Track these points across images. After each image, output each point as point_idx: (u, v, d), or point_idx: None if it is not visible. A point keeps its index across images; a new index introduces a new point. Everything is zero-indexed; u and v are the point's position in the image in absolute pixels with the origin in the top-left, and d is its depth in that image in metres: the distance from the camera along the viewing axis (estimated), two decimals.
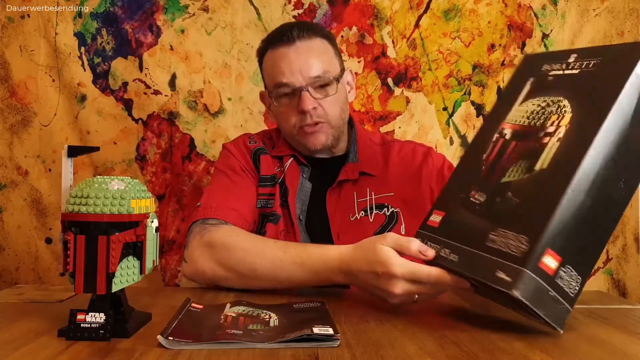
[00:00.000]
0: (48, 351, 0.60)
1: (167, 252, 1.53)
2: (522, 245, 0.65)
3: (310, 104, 1.06)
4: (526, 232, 0.66)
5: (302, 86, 1.06)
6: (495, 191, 0.73)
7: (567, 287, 0.66)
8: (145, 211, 0.68)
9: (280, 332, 0.66)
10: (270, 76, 1.11)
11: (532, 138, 0.73)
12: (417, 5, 1.59)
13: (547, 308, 0.65)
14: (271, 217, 1.10)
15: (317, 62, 1.08)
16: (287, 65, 1.07)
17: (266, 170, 1.14)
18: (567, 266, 0.66)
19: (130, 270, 0.67)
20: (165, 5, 1.52)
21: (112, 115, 1.52)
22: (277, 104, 1.10)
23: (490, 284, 0.66)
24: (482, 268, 0.68)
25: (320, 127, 1.09)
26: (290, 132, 1.11)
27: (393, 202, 1.12)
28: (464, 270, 0.71)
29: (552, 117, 0.72)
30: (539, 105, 0.75)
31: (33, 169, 1.50)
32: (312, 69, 1.07)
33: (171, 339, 0.62)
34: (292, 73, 1.06)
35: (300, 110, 1.07)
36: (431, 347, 0.63)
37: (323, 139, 1.11)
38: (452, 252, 0.73)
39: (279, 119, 1.14)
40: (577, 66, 0.75)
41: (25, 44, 1.49)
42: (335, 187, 1.12)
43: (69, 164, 0.79)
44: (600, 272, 1.63)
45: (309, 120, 1.08)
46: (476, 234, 0.72)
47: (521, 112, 0.77)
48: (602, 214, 0.67)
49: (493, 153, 0.77)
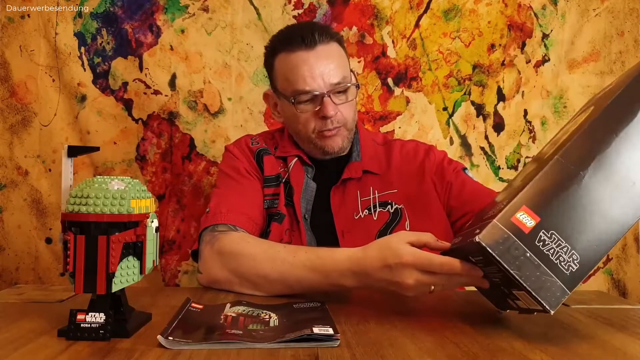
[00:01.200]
0: (48, 351, 0.60)
1: (167, 252, 1.53)
2: (502, 206, 0.66)
3: (333, 109, 1.07)
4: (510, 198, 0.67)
5: (323, 93, 1.06)
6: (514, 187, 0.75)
7: (555, 257, 0.63)
8: (145, 211, 0.68)
9: (280, 332, 0.66)
10: (289, 80, 1.08)
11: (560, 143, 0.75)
12: (417, 5, 1.59)
13: (523, 270, 0.63)
14: (276, 217, 1.10)
15: (336, 68, 1.07)
16: (308, 71, 1.05)
17: (270, 170, 1.14)
18: (551, 232, 0.64)
19: (130, 270, 0.67)
20: (165, 5, 1.52)
21: (112, 115, 1.51)
22: (297, 109, 1.09)
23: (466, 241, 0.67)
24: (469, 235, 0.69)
25: (337, 131, 1.10)
26: (308, 136, 1.11)
27: (397, 199, 1.12)
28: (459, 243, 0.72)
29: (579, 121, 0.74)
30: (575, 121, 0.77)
31: (33, 169, 1.50)
32: (332, 75, 1.06)
33: (171, 339, 0.62)
34: (313, 79, 1.06)
35: (323, 117, 1.07)
36: (431, 347, 0.63)
37: (340, 143, 1.11)
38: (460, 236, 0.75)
39: (293, 122, 1.13)
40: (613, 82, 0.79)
41: (25, 44, 1.49)
42: (339, 186, 1.13)
43: (69, 164, 0.79)
44: (600, 272, 1.63)
45: (329, 125, 1.08)
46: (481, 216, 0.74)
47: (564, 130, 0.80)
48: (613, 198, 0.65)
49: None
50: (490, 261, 0.65)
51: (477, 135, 1.62)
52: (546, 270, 0.63)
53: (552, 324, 0.76)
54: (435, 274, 0.75)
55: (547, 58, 1.62)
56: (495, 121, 1.62)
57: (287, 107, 1.12)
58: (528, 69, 1.62)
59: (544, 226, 0.64)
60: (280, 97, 1.13)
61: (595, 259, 0.64)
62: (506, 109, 1.62)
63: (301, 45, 1.06)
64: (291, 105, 1.09)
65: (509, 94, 1.62)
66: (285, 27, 1.17)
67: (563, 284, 0.63)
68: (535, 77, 1.62)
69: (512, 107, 1.61)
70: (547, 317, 0.80)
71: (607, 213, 0.65)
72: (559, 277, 0.63)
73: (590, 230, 0.65)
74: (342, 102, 1.09)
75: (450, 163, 1.16)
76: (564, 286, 0.63)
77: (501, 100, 1.62)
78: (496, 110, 1.62)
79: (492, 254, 0.63)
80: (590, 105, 0.77)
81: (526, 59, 1.62)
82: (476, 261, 0.71)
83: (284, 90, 1.11)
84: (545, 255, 0.63)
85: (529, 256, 0.63)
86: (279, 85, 1.13)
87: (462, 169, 1.16)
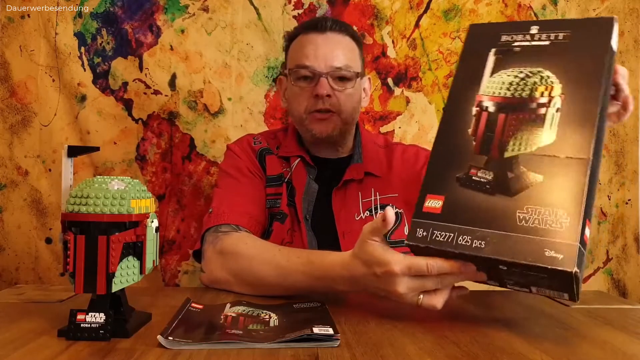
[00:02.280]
0: (48, 351, 0.60)
1: (167, 252, 1.53)
2: (563, 219, 0.64)
3: (326, 90, 1.09)
4: (563, 207, 0.65)
5: (322, 72, 1.09)
6: (503, 167, 0.71)
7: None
8: (145, 211, 0.68)
9: (280, 332, 0.66)
10: (294, 58, 1.13)
11: (525, 110, 0.72)
12: (417, 5, 1.59)
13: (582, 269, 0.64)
14: (278, 216, 1.10)
15: (341, 55, 1.11)
16: (312, 50, 1.10)
17: (272, 170, 1.15)
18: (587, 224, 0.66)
19: (130, 270, 0.67)
20: (165, 5, 1.52)
21: (112, 115, 1.51)
22: (294, 83, 1.12)
23: (540, 265, 0.63)
24: (522, 250, 0.65)
25: (329, 116, 1.11)
26: (300, 116, 1.13)
27: (397, 203, 1.12)
28: (499, 256, 0.66)
29: (540, 88, 0.72)
30: (516, 76, 0.74)
31: (33, 169, 1.50)
32: (335, 59, 1.10)
33: (171, 339, 0.62)
34: (316, 58, 1.09)
35: (315, 94, 1.09)
36: (431, 347, 0.63)
37: (330, 129, 1.12)
38: (475, 238, 0.68)
39: (291, 102, 1.15)
40: (544, 37, 0.75)
41: (25, 44, 1.49)
42: (341, 187, 1.13)
43: (69, 164, 0.79)
44: (600, 272, 1.63)
45: (320, 105, 1.10)
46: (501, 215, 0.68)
47: (497, 84, 0.75)
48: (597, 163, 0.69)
49: (480, 127, 0.75)
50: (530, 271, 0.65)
51: None
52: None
53: (552, 324, 0.77)
54: (425, 277, 0.72)
55: None
56: None
57: (289, 85, 1.15)
58: None
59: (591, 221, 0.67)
60: (288, 77, 1.16)
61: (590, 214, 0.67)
62: None
63: (314, 30, 1.12)
64: (291, 80, 1.12)
65: None
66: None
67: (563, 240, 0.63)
68: None
69: None
70: (547, 317, 0.80)
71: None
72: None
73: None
74: (341, 89, 1.10)
75: None
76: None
77: None
78: None
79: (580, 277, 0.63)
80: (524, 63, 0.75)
81: None
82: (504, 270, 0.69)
83: (289, 66, 1.15)
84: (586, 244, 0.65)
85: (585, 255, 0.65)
86: (288, 65, 1.17)
87: None
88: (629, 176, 1.62)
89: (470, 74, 0.79)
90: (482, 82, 0.77)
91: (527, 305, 0.89)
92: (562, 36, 0.74)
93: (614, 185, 1.63)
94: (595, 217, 1.62)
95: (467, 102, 0.77)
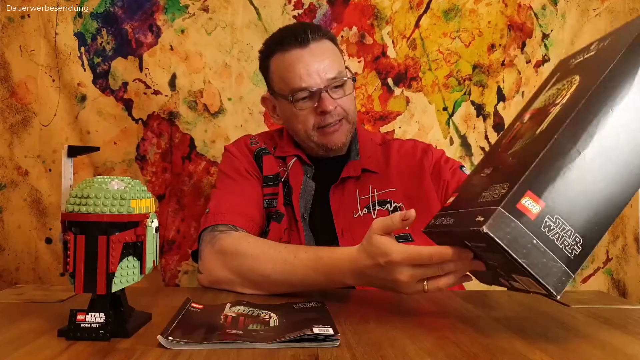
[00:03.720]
0: (48, 351, 0.60)
1: (167, 252, 1.53)
2: (503, 190, 0.64)
3: (331, 104, 1.08)
4: (509, 180, 0.65)
5: (320, 88, 1.07)
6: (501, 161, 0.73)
7: (560, 242, 0.62)
8: (145, 211, 0.68)
9: (280, 332, 0.66)
10: (285, 80, 1.09)
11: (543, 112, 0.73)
12: (417, 5, 1.59)
13: (530, 258, 0.62)
14: (275, 216, 1.10)
15: (331, 64, 1.09)
16: (304, 69, 1.07)
17: (269, 170, 1.15)
18: (556, 216, 0.62)
19: (130, 270, 0.67)
20: (165, 5, 1.52)
21: (112, 115, 1.52)
22: (295, 106, 1.09)
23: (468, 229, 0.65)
24: (467, 220, 0.67)
25: (339, 125, 1.11)
26: (308, 134, 1.11)
27: (396, 197, 1.13)
28: (454, 227, 0.70)
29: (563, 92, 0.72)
30: (557, 88, 0.75)
31: (33, 169, 1.50)
32: (328, 70, 1.08)
33: (171, 339, 0.62)
34: (310, 76, 1.07)
35: (322, 112, 1.08)
36: (431, 347, 0.63)
37: (343, 138, 1.12)
38: (451, 217, 0.73)
39: (292, 121, 1.13)
40: (593, 48, 0.75)
41: (25, 44, 1.49)
42: (339, 185, 1.13)
43: (69, 164, 0.79)
44: (600, 272, 1.63)
45: (329, 119, 1.09)
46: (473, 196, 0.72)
47: (542, 99, 0.78)
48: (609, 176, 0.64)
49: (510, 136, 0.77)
50: (494, 249, 0.64)
51: (477, 136, 1.62)
52: (552, 256, 0.62)
53: (552, 324, 0.77)
54: (426, 265, 0.74)
55: (547, 58, 1.62)
56: (495, 121, 1.62)
57: (285, 107, 1.12)
58: (528, 69, 1.62)
59: (549, 211, 0.62)
60: (278, 98, 1.14)
61: (596, 238, 0.63)
62: (506, 109, 1.62)
63: (295, 44, 1.08)
64: (290, 104, 1.09)
65: (509, 94, 1.62)
66: (277, 30, 1.18)
67: (568, 268, 0.62)
68: (535, 77, 1.62)
69: (512, 107, 1.61)
70: (547, 317, 0.80)
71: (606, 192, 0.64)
72: (564, 262, 0.62)
73: (591, 210, 0.63)
74: (340, 97, 1.10)
75: (447, 162, 1.17)
76: (568, 270, 0.62)
77: (501, 101, 1.62)
78: (496, 110, 1.62)
79: (501, 243, 0.61)
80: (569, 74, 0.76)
81: (526, 59, 1.62)
82: (473, 246, 0.70)
83: (281, 90, 1.12)
84: (551, 240, 0.62)
85: (535, 243, 0.62)
86: (276, 87, 1.13)
87: (460, 167, 1.16)
88: None
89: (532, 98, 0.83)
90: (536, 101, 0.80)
91: (527, 305, 0.89)
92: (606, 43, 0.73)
93: None
94: None
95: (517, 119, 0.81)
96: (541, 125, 0.70)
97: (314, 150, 1.15)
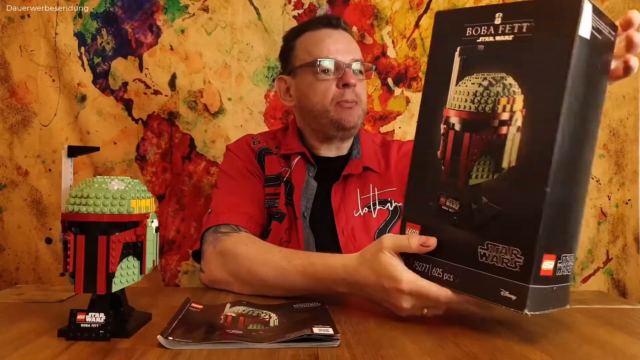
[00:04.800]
0: (48, 351, 0.60)
1: (167, 252, 1.53)
2: (517, 258, 0.63)
3: (353, 78, 1.11)
4: (517, 244, 0.63)
5: (346, 63, 1.12)
6: (467, 197, 0.68)
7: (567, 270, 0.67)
8: (145, 211, 0.68)
9: (280, 332, 0.66)
10: (312, 52, 1.13)
11: (487, 128, 0.66)
12: (417, 5, 1.59)
13: (552, 304, 0.66)
14: (277, 216, 1.11)
15: (357, 49, 1.16)
16: (333, 44, 1.13)
17: (271, 170, 1.15)
18: (562, 256, 0.65)
19: (130, 270, 0.67)
20: (165, 5, 1.52)
21: (112, 115, 1.51)
22: (318, 76, 1.12)
23: (497, 304, 0.65)
24: (483, 287, 0.66)
25: (354, 105, 1.13)
26: (325, 107, 1.12)
27: (396, 197, 1.14)
28: (465, 291, 0.68)
29: (502, 101, 0.65)
30: (480, 84, 0.67)
31: (33, 169, 1.50)
32: (354, 52, 1.14)
33: (171, 339, 0.62)
34: (337, 51, 1.12)
35: (345, 84, 1.10)
36: (431, 347, 0.63)
37: (356, 118, 1.14)
38: (445, 271, 0.70)
39: (311, 95, 1.13)
40: (508, 30, 0.66)
41: (25, 44, 1.49)
42: (340, 183, 1.14)
43: (69, 164, 0.79)
44: (600, 272, 1.63)
45: (348, 95, 1.11)
46: (465, 250, 0.68)
47: (462, 95, 0.69)
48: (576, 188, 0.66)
49: (448, 149, 0.70)
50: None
51: None
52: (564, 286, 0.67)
53: (552, 324, 0.76)
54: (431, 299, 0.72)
55: None
56: None
57: (305, 79, 1.14)
58: None
59: (559, 257, 0.65)
60: (297, 72, 1.15)
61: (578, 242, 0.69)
62: None
63: (327, 25, 1.15)
64: (312, 74, 1.12)
65: None
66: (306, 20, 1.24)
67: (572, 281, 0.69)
68: None
69: None
70: (547, 317, 0.80)
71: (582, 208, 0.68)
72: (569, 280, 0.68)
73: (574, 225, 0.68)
74: (359, 80, 1.14)
75: None
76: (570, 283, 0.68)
77: None
78: None
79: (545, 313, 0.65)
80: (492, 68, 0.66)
81: None
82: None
83: (304, 60, 1.14)
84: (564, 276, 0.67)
85: (555, 289, 0.66)
86: (299, 60, 1.16)
87: None
88: (629, 176, 1.62)
89: (439, 81, 0.72)
90: (450, 91, 0.70)
91: None
92: (525, 27, 0.64)
93: (614, 185, 1.63)
94: (595, 217, 1.62)
95: (436, 118, 0.71)
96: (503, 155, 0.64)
97: (326, 128, 1.14)
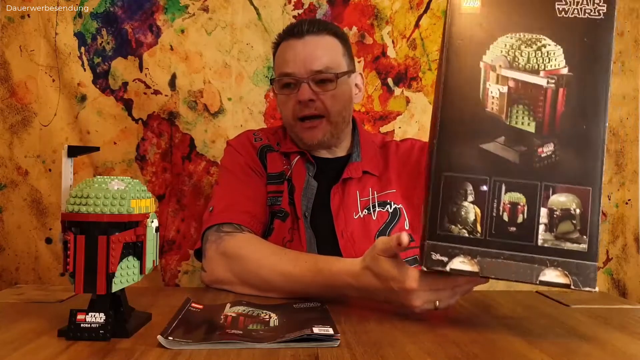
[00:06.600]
0: (48, 351, 0.60)
1: (167, 252, 1.53)
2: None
3: (308, 95, 1.08)
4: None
5: (302, 78, 1.09)
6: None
7: None
8: (145, 211, 0.68)
9: (280, 332, 0.66)
10: (276, 66, 1.16)
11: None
12: (417, 5, 1.59)
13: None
14: (279, 214, 1.10)
15: (322, 57, 1.10)
16: (292, 57, 1.10)
17: (273, 167, 1.15)
18: None
19: (130, 270, 0.67)
20: (165, 5, 1.52)
21: (112, 115, 1.51)
22: (278, 92, 1.14)
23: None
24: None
25: (319, 122, 1.11)
26: (289, 122, 1.14)
27: (395, 198, 1.13)
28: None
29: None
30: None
31: (33, 169, 1.50)
32: (315, 62, 1.09)
33: (171, 339, 0.62)
34: (295, 64, 1.09)
35: (297, 100, 1.09)
36: (431, 347, 0.63)
37: (320, 136, 1.12)
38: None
39: (281, 108, 1.17)
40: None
41: (25, 44, 1.49)
42: (339, 186, 1.13)
43: (69, 164, 0.79)
44: (600, 272, 1.63)
45: (306, 111, 1.10)
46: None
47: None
48: None
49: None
50: None
51: None
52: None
53: (552, 324, 0.77)
54: (440, 289, 0.73)
55: None
56: None
57: (277, 92, 1.16)
58: None
59: None
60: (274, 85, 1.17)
61: None
62: None
63: (292, 35, 1.12)
64: (278, 88, 1.13)
65: None
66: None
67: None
68: None
69: None
70: (547, 317, 0.80)
71: None
72: None
73: None
74: (322, 92, 1.10)
75: None
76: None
77: None
78: None
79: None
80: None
81: None
82: None
83: (275, 74, 1.16)
84: None
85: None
86: (275, 72, 1.18)
87: None
88: (629, 176, 1.62)
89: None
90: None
91: (527, 305, 0.89)
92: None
93: (614, 185, 1.63)
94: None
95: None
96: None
97: (297, 142, 1.16)
